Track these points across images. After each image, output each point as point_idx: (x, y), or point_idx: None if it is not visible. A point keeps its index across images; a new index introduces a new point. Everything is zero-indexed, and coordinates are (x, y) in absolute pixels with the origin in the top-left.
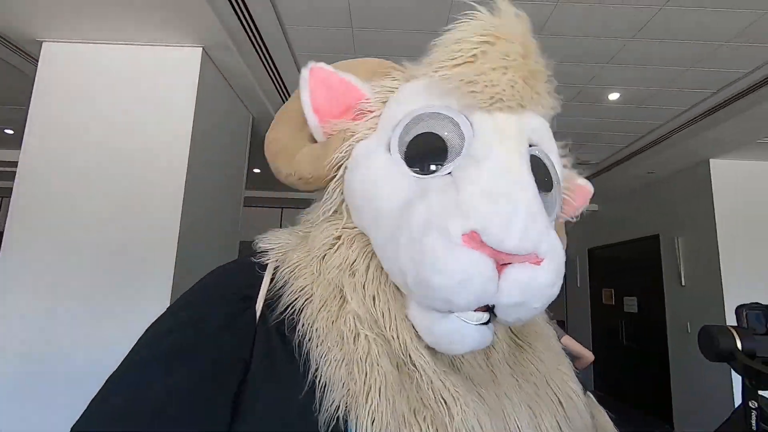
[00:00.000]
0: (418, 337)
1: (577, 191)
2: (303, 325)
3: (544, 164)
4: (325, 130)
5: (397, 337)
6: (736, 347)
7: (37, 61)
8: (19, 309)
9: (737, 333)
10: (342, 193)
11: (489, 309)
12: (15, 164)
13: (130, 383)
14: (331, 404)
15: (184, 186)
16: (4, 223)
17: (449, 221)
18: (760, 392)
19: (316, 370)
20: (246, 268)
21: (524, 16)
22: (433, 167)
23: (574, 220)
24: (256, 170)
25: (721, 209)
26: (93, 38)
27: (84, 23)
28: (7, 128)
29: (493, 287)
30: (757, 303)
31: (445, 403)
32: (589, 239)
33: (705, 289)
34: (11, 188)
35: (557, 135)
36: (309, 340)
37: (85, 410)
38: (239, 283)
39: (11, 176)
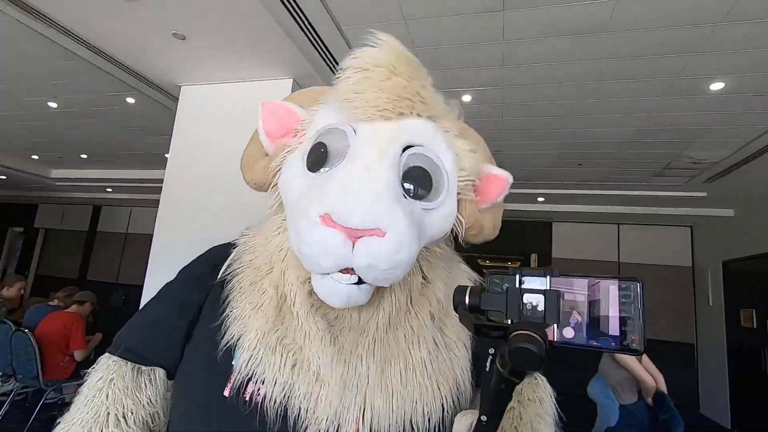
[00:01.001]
0: (307, 296)
1: (492, 181)
2: (233, 284)
3: (425, 158)
4: (274, 146)
5: (294, 295)
6: (463, 301)
7: (178, 99)
8: None
9: (469, 290)
10: (278, 194)
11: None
12: (160, 181)
13: (140, 312)
14: (229, 333)
15: None
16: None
17: (311, 207)
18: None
19: (231, 311)
20: (225, 246)
21: (396, 45)
22: (320, 168)
23: (489, 206)
24: None
25: None
26: (214, 80)
27: (207, 70)
28: (165, 153)
29: (346, 253)
30: (504, 267)
31: (309, 341)
32: (724, 250)
33: None
34: (158, 200)
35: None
36: (232, 292)
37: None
38: (215, 255)
39: (157, 190)
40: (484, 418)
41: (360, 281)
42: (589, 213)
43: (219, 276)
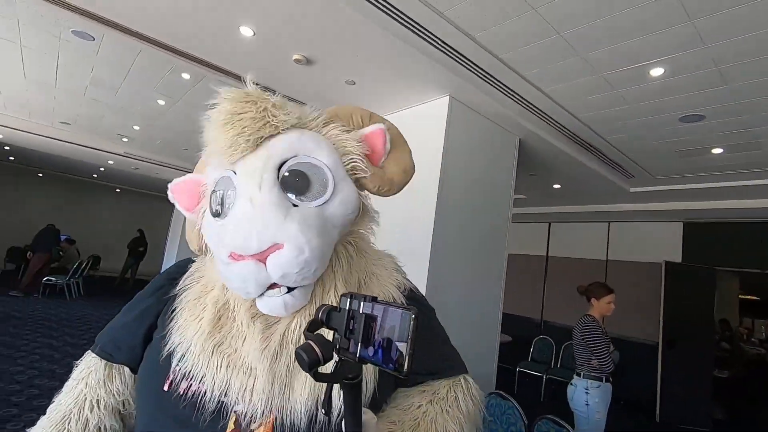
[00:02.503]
0: (249, 307)
1: (371, 139)
2: (181, 298)
3: (302, 164)
4: (196, 215)
5: (239, 307)
6: (320, 319)
7: None
8: None
9: (323, 309)
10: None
11: (283, 285)
12: None
13: (118, 315)
14: (171, 340)
15: (435, 210)
16: None
17: (220, 251)
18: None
19: (175, 322)
20: (185, 262)
21: (232, 91)
22: (223, 214)
23: (385, 158)
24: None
25: None
26: (381, 113)
27: (374, 106)
28: None
29: (263, 274)
30: (352, 293)
31: (244, 343)
32: None
33: None
34: None
35: None
36: (179, 305)
37: None
38: (176, 270)
39: None
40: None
41: (290, 289)
42: None
43: (176, 290)
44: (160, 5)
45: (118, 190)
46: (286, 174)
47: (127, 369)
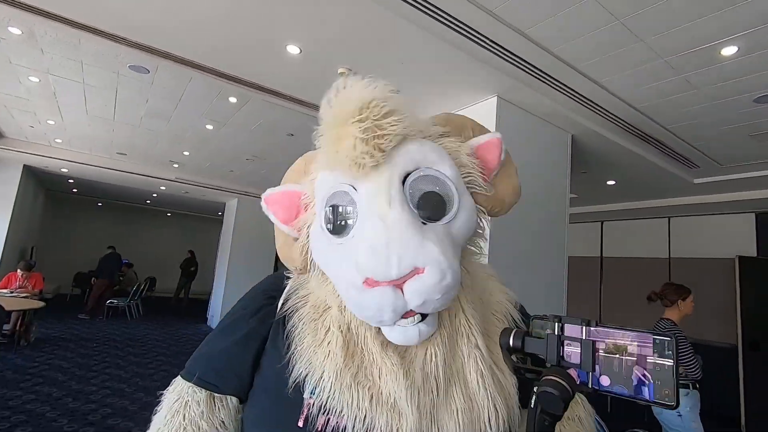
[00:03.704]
0: (376, 335)
1: (485, 150)
2: (294, 319)
3: (427, 178)
4: (295, 229)
5: (364, 335)
6: (507, 342)
7: None
8: None
9: (513, 333)
10: (315, 264)
11: (419, 313)
12: None
13: (209, 340)
14: (296, 370)
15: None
16: None
17: (353, 277)
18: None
19: (293, 348)
20: (278, 278)
21: (353, 90)
22: (343, 231)
23: (497, 172)
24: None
25: None
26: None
27: (426, 108)
28: None
29: (401, 302)
30: (545, 315)
31: (385, 375)
32: None
33: None
34: None
35: None
36: (295, 328)
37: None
38: (271, 287)
39: None
40: None
41: (423, 316)
42: None
43: (279, 309)
44: (208, 30)
45: (169, 214)
46: (417, 190)
47: (233, 399)
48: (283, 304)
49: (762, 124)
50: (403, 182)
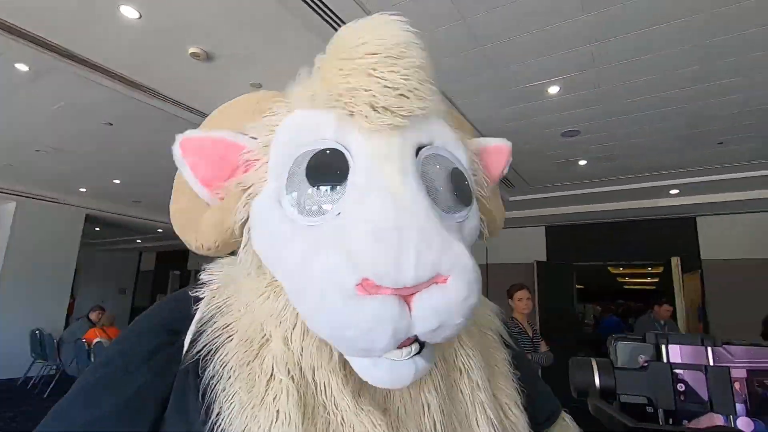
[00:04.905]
0: (345, 380)
1: (494, 153)
2: (215, 365)
3: (444, 160)
4: (219, 196)
5: (325, 383)
6: (593, 383)
7: None
8: None
9: (598, 366)
10: (254, 254)
11: (415, 339)
12: None
13: (57, 415)
14: None
15: None
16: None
17: (341, 276)
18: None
19: (218, 414)
20: (181, 301)
21: (379, 19)
22: (326, 208)
23: (498, 181)
24: None
25: None
26: None
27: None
28: None
29: (405, 322)
30: (626, 334)
31: None
32: None
33: None
34: None
35: None
36: (219, 380)
37: None
38: (170, 316)
39: None
40: None
41: (420, 346)
42: (740, 201)
43: (186, 351)
44: None
45: None
46: (422, 166)
47: None
48: (193, 341)
49: (564, 154)
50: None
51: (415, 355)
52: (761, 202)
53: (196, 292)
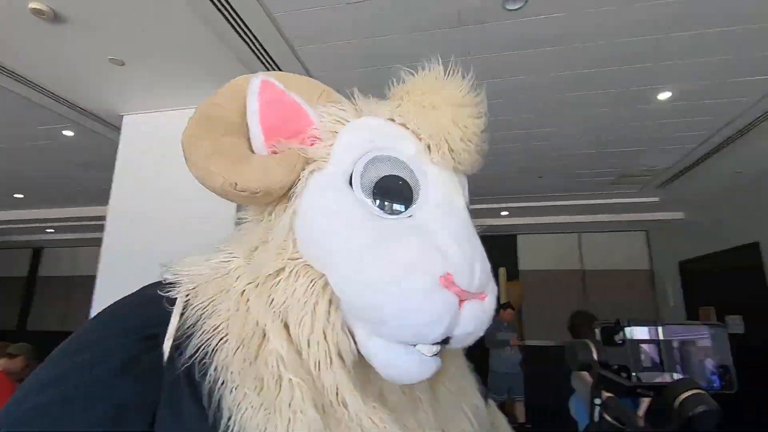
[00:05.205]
0: (349, 377)
1: None
2: (216, 369)
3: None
4: (273, 149)
5: (332, 380)
6: (593, 358)
7: (120, 129)
8: None
9: (594, 346)
10: (289, 226)
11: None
12: (104, 218)
13: (33, 415)
14: None
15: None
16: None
17: (433, 264)
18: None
19: (229, 419)
20: (151, 302)
21: (466, 82)
22: (397, 208)
23: None
24: None
25: None
26: (160, 107)
27: (151, 97)
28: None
29: (455, 321)
30: (609, 321)
31: None
32: (679, 252)
33: None
34: (101, 239)
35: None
36: (222, 385)
37: None
38: (142, 319)
39: (101, 228)
40: None
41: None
42: (552, 224)
43: (182, 359)
44: None
45: None
46: None
47: None
48: (177, 346)
49: None
50: None
51: (437, 355)
52: (566, 225)
53: (168, 292)
